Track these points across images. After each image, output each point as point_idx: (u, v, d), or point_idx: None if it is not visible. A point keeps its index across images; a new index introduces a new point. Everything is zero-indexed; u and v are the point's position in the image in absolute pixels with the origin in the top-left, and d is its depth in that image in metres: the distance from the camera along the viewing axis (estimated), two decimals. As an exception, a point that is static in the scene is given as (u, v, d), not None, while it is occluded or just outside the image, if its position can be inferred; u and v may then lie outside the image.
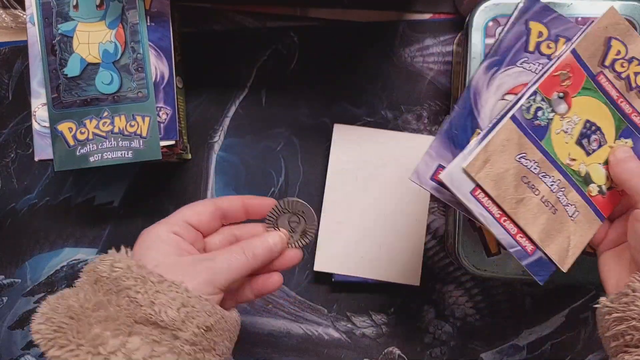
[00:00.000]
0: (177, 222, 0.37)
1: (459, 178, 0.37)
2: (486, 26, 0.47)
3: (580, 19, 0.46)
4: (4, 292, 0.57)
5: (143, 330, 0.31)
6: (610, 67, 0.39)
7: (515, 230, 0.38)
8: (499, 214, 0.38)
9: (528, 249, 0.38)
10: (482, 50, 0.47)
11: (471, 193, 0.37)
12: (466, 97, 0.39)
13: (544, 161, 0.39)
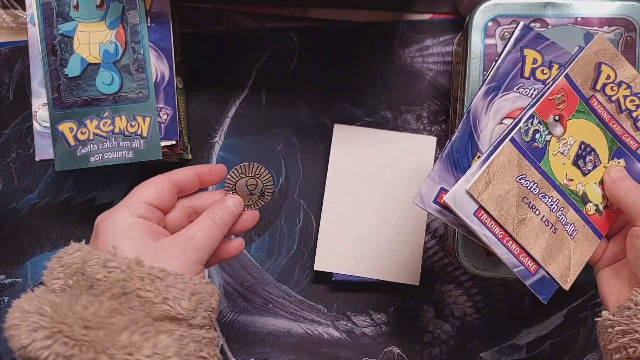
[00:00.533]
0: (140, 205, 0.35)
1: (462, 200, 0.38)
2: (486, 26, 0.47)
3: (580, 19, 0.46)
4: (5, 292, 0.57)
5: (164, 327, 0.31)
6: (601, 91, 0.41)
7: (518, 250, 0.39)
8: (501, 234, 0.39)
9: (531, 268, 0.39)
10: (481, 51, 0.47)
11: (474, 214, 0.38)
12: (466, 121, 0.40)
13: (543, 182, 0.40)
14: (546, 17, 0.47)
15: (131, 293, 0.31)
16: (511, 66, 0.41)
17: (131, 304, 0.31)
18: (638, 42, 0.46)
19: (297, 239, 0.57)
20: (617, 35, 0.46)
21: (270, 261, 0.57)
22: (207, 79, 0.57)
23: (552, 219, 0.40)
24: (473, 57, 0.47)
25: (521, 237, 0.39)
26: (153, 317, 0.31)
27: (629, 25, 0.46)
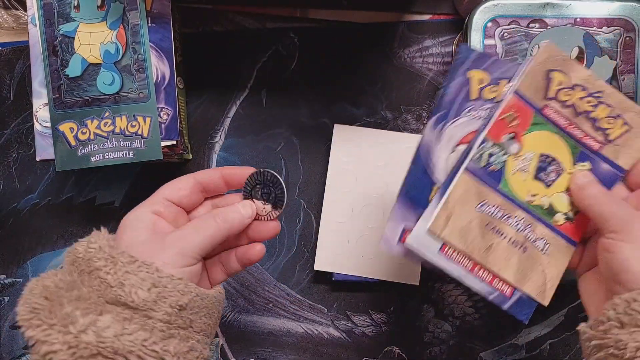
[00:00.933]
0: (157, 201, 0.36)
1: (425, 240, 0.38)
2: (485, 27, 0.47)
3: (579, 19, 0.46)
4: (6, 292, 0.58)
5: (113, 310, 0.31)
6: (554, 99, 0.40)
7: (490, 277, 0.39)
8: (470, 265, 0.39)
9: (506, 292, 0.39)
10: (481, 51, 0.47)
11: (440, 251, 0.38)
12: (417, 156, 0.40)
13: (505, 204, 0.39)
14: (545, 17, 0.47)
15: (93, 272, 0.32)
16: (457, 91, 0.40)
17: (91, 283, 0.32)
18: (637, 42, 0.46)
19: (297, 239, 0.57)
20: (616, 36, 0.46)
21: (270, 261, 0.57)
22: (207, 79, 0.57)
23: (519, 239, 0.39)
24: None
25: (491, 264, 0.39)
26: (106, 299, 0.31)
27: (628, 26, 0.46)
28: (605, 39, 0.47)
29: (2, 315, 0.57)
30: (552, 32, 0.47)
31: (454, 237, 0.38)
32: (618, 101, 0.39)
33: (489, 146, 0.39)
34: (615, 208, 0.36)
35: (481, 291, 0.39)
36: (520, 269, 0.39)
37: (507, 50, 0.47)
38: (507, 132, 0.39)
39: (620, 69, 0.47)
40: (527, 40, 0.47)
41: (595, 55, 0.47)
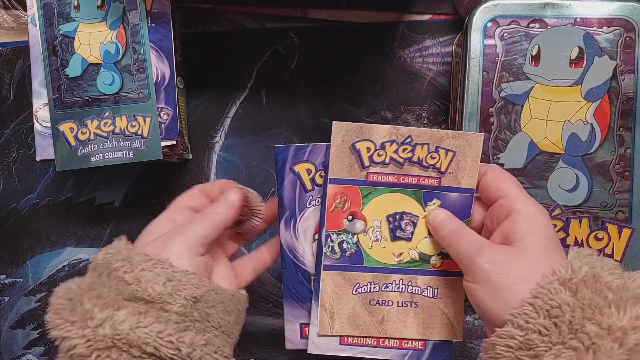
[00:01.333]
0: (173, 209, 0.39)
1: (322, 342, 0.40)
2: (485, 27, 0.47)
3: (579, 19, 0.46)
4: (6, 292, 0.58)
5: (130, 305, 0.32)
6: (371, 164, 0.41)
7: (397, 343, 0.41)
8: (374, 341, 0.40)
9: (418, 347, 0.41)
10: (481, 51, 0.47)
11: (342, 344, 0.40)
12: (285, 257, 0.41)
13: (377, 276, 0.41)
14: (545, 17, 0.47)
15: (111, 273, 0.33)
16: (292, 189, 0.41)
17: (110, 283, 0.33)
18: (637, 42, 0.46)
19: (297, 239, 0.57)
20: (616, 36, 0.46)
21: (270, 261, 0.57)
22: (207, 79, 0.57)
23: (406, 298, 0.41)
24: (472, 58, 0.47)
25: (391, 333, 0.40)
26: (124, 296, 0.32)
27: (628, 26, 0.46)
28: (605, 39, 0.47)
29: (2, 315, 0.57)
30: (552, 32, 0.47)
31: (346, 329, 0.40)
32: (429, 136, 0.40)
33: (335, 237, 0.41)
34: (460, 249, 0.36)
35: (394, 358, 0.41)
36: (421, 322, 0.41)
37: (507, 50, 0.47)
38: (344, 216, 0.41)
39: (621, 69, 0.47)
40: (527, 40, 0.47)
41: (596, 55, 0.46)
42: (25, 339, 0.57)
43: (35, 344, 0.57)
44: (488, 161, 0.47)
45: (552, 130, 0.47)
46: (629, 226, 0.46)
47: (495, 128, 0.47)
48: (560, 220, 0.47)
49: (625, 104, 0.46)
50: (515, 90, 0.47)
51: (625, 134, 0.46)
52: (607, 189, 0.47)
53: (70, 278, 0.57)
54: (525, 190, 0.44)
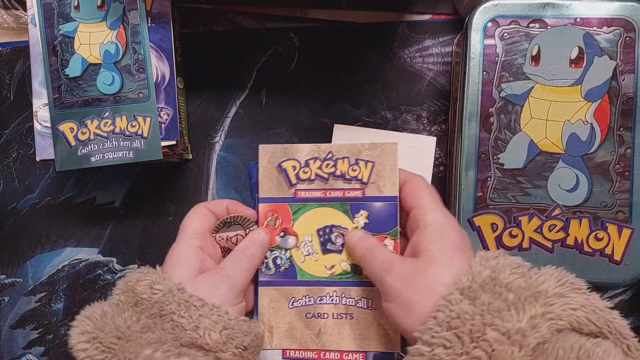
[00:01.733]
0: (194, 235, 0.40)
1: (265, 357, 0.42)
2: (485, 27, 0.47)
3: (579, 19, 0.47)
4: (6, 292, 0.58)
5: (190, 352, 0.32)
6: (298, 181, 0.43)
7: (337, 355, 0.42)
8: (315, 354, 0.42)
9: (358, 359, 0.41)
10: (481, 51, 0.47)
11: (283, 357, 0.42)
12: None
13: (311, 289, 0.42)
14: (545, 17, 0.47)
15: (166, 316, 0.33)
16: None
17: (164, 325, 0.33)
18: (637, 42, 0.46)
19: (297, 239, 0.57)
20: (616, 36, 0.46)
21: (270, 261, 0.57)
22: (207, 79, 0.57)
23: (341, 310, 0.42)
24: (472, 58, 0.47)
25: (328, 345, 0.41)
26: (181, 342, 0.33)
27: (628, 26, 0.46)
28: (605, 39, 0.47)
29: (2, 315, 0.58)
30: (552, 32, 0.47)
31: (285, 342, 0.42)
32: (348, 150, 0.43)
33: (269, 254, 0.42)
34: (373, 269, 0.37)
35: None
36: (357, 334, 0.42)
37: (507, 51, 0.47)
38: (276, 233, 0.43)
39: (621, 69, 0.47)
40: (527, 41, 0.47)
41: (596, 55, 0.47)
42: (25, 339, 0.57)
43: (35, 344, 0.57)
44: (488, 161, 0.47)
45: (552, 130, 0.47)
46: (629, 226, 0.46)
47: (496, 128, 0.47)
48: (560, 221, 0.47)
49: (625, 104, 0.46)
50: (515, 90, 0.47)
51: (625, 134, 0.46)
52: (607, 189, 0.47)
53: (69, 278, 0.57)
54: (525, 190, 0.44)
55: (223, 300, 0.36)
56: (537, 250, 0.47)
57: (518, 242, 0.47)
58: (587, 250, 0.47)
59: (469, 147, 0.47)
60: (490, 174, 0.47)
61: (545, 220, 0.47)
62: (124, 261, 0.57)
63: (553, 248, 0.47)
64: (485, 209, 0.47)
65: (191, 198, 0.57)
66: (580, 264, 0.47)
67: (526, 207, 0.47)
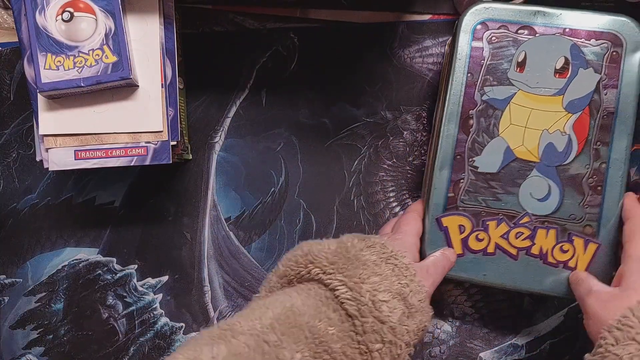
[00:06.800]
0: (418, 236, 0.49)
1: (59, 156, 0.49)
2: (474, 29, 0.49)
3: (568, 30, 0.48)
4: (5, 292, 0.59)
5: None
6: None
7: (123, 152, 0.50)
8: (104, 153, 0.50)
9: (140, 152, 0.50)
10: (467, 52, 0.48)
11: (76, 159, 0.50)
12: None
13: None
14: (535, 25, 0.48)
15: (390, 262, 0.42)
16: None
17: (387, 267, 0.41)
18: (623, 58, 0.47)
19: (297, 239, 0.58)
20: (603, 49, 0.47)
21: (270, 261, 0.58)
22: (207, 79, 0.59)
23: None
24: (459, 59, 0.48)
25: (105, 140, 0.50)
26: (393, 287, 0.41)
27: (616, 41, 0.47)
28: (592, 51, 0.48)
29: (2, 315, 0.59)
30: (540, 40, 0.48)
31: (67, 140, 0.48)
32: None
33: None
34: (579, 293, 0.44)
35: (123, 164, 0.51)
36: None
37: (493, 54, 0.48)
38: None
39: (604, 83, 0.47)
40: (515, 46, 0.48)
41: (581, 67, 0.47)
42: (25, 339, 0.59)
43: (35, 344, 0.59)
44: (463, 163, 0.49)
45: (529, 138, 0.48)
46: (595, 241, 0.47)
47: (474, 131, 0.48)
48: (527, 229, 0.48)
49: (605, 118, 0.47)
50: (497, 95, 0.48)
51: (601, 149, 0.47)
52: (578, 201, 0.48)
53: (69, 278, 0.59)
54: (497, 195, 0.47)
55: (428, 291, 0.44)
56: (500, 256, 0.49)
57: (484, 246, 0.49)
58: (551, 260, 0.48)
59: (446, 147, 0.49)
60: (463, 175, 0.49)
61: (513, 227, 0.48)
62: (124, 261, 0.59)
63: (517, 255, 0.48)
64: (455, 210, 0.49)
65: (191, 198, 0.59)
66: (541, 274, 0.48)
67: (496, 212, 0.48)
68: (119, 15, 0.49)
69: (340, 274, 0.38)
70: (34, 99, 0.51)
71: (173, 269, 0.59)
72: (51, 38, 0.48)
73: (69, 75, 0.48)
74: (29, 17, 0.48)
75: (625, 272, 0.42)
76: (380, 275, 0.40)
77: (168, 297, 0.58)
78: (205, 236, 0.59)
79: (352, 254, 0.40)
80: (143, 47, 0.51)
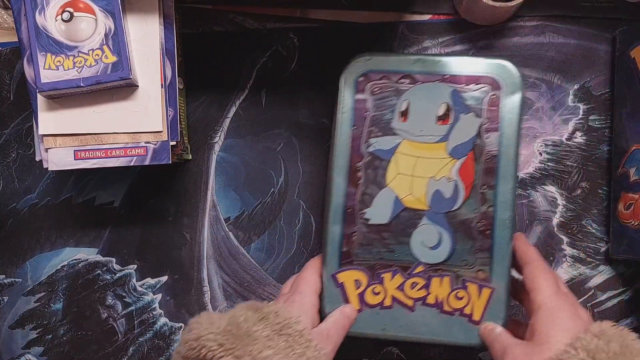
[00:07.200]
0: (316, 294, 0.48)
1: (59, 157, 0.49)
2: (357, 81, 0.49)
3: (448, 76, 0.48)
4: (5, 292, 0.60)
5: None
6: None
7: (122, 152, 0.51)
8: (103, 153, 0.51)
9: (140, 152, 0.51)
10: (351, 106, 0.49)
11: (75, 159, 0.50)
12: None
13: None
14: (415, 73, 0.48)
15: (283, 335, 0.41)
16: None
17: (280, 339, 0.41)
18: (502, 101, 0.48)
19: (296, 240, 0.59)
20: (482, 94, 0.48)
21: (269, 261, 0.59)
22: (207, 79, 0.59)
23: None
24: (343, 112, 0.49)
25: (104, 140, 0.50)
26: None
27: (495, 84, 0.48)
28: (472, 96, 0.48)
29: (2, 315, 0.59)
30: (421, 87, 0.48)
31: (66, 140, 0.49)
32: None
33: None
34: (495, 355, 0.43)
35: (123, 164, 0.51)
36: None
37: (376, 105, 0.48)
38: None
39: (486, 127, 0.48)
40: (397, 96, 0.48)
41: (462, 112, 0.48)
42: (24, 339, 0.59)
43: (34, 344, 0.59)
44: (355, 216, 0.49)
45: (417, 187, 0.48)
46: (489, 285, 0.47)
47: (363, 183, 0.48)
48: (422, 278, 0.48)
49: (489, 161, 0.48)
50: (382, 146, 0.48)
51: (488, 192, 0.48)
52: (469, 247, 0.48)
53: (69, 278, 0.59)
54: (389, 246, 0.48)
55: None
56: (397, 308, 0.48)
57: (380, 300, 0.48)
58: (447, 309, 0.48)
59: (336, 201, 0.49)
60: (356, 229, 0.48)
61: (407, 277, 0.48)
62: (123, 261, 0.59)
63: (414, 306, 0.48)
64: (349, 265, 0.48)
65: (190, 198, 0.59)
66: (439, 324, 0.48)
67: (390, 263, 0.48)
68: (118, 15, 0.49)
69: (230, 355, 0.38)
70: (33, 99, 0.51)
71: (172, 269, 0.59)
72: (51, 38, 0.49)
73: (68, 75, 0.49)
74: (28, 17, 0.49)
75: (536, 324, 0.41)
76: (274, 349, 0.39)
77: (167, 297, 0.59)
78: (205, 236, 0.59)
79: (244, 330, 0.40)
80: (143, 47, 0.51)
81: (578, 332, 0.39)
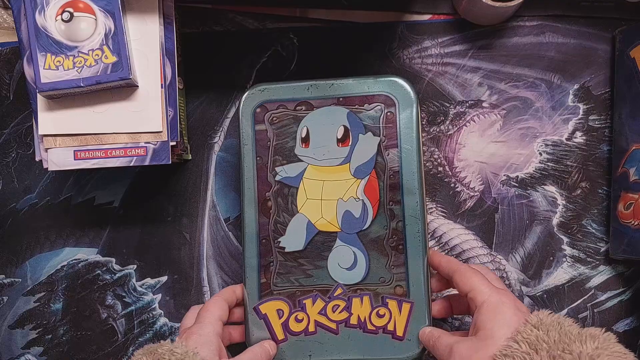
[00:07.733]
0: (218, 322, 0.46)
1: (59, 157, 0.49)
2: (254, 112, 0.50)
3: (342, 99, 0.49)
4: (4, 292, 0.60)
5: None
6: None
7: (122, 152, 0.51)
8: (103, 154, 0.51)
9: (140, 152, 0.50)
10: (252, 137, 0.50)
11: (75, 159, 0.50)
12: None
13: None
14: (310, 99, 0.50)
15: None
16: None
17: None
18: (398, 117, 0.49)
19: (296, 240, 0.59)
20: (378, 112, 0.49)
21: (269, 261, 0.59)
22: (207, 79, 0.60)
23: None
24: (245, 144, 0.50)
25: (104, 140, 0.49)
26: None
27: (389, 101, 0.49)
28: (368, 115, 0.49)
29: (1, 315, 0.60)
30: (318, 113, 0.49)
31: (66, 140, 0.49)
32: None
33: None
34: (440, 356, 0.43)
35: (123, 165, 0.50)
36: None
37: (277, 134, 0.49)
38: None
39: (385, 144, 0.49)
40: (296, 123, 0.49)
41: (360, 132, 0.49)
42: (24, 339, 0.59)
43: (34, 344, 0.59)
44: (270, 246, 0.50)
45: (327, 210, 0.49)
46: (408, 300, 0.48)
47: (274, 212, 0.49)
48: (342, 300, 0.49)
49: (392, 178, 0.49)
50: (289, 173, 0.49)
51: (395, 208, 0.48)
52: (384, 263, 0.48)
53: (68, 278, 0.59)
54: (307, 272, 0.48)
55: None
56: (322, 333, 0.49)
57: (304, 327, 0.49)
58: (371, 328, 0.48)
59: (250, 233, 0.49)
60: (272, 259, 0.49)
61: (328, 301, 0.49)
62: (123, 261, 0.59)
63: (338, 329, 0.49)
64: (270, 295, 0.49)
65: (190, 198, 0.59)
66: (364, 343, 0.48)
67: (310, 289, 0.49)
68: (118, 15, 0.49)
69: None
70: (33, 99, 0.51)
71: (172, 269, 0.59)
72: (51, 38, 0.49)
73: (68, 75, 0.49)
74: (28, 17, 0.49)
75: (480, 320, 0.42)
76: None
77: (167, 297, 0.59)
78: (205, 236, 0.59)
79: None
80: (143, 47, 0.51)
81: (519, 326, 0.40)
